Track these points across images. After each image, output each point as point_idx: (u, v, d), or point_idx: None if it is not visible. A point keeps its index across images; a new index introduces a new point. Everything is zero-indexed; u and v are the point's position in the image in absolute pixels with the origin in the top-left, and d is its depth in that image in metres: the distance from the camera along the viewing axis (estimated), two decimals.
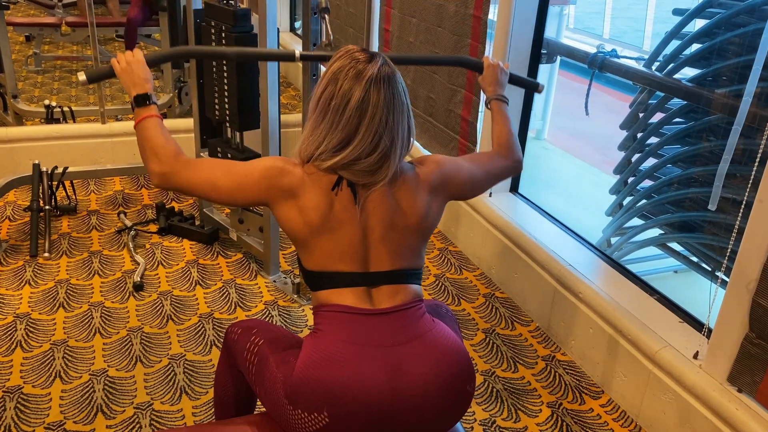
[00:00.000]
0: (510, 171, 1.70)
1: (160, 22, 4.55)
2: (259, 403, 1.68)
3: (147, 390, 2.15)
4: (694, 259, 2.61)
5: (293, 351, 1.38)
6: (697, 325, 2.13)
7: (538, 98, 4.65)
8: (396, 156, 1.37)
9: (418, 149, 3.55)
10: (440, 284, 2.89)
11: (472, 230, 3.06)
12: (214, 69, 2.72)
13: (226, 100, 2.71)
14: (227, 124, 2.80)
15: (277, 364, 1.37)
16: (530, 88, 2.02)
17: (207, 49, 2.21)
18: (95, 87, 3.71)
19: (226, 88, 2.68)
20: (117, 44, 6.52)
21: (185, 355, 2.33)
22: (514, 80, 1.94)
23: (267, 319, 2.56)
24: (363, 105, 1.31)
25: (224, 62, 2.66)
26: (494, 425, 2.11)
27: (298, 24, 6.25)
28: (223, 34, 2.62)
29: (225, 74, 2.67)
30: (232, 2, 2.61)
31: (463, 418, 2.12)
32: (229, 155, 2.81)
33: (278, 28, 2.54)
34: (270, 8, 2.43)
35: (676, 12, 2.53)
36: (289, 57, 1.82)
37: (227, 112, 2.72)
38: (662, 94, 2.59)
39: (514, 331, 2.60)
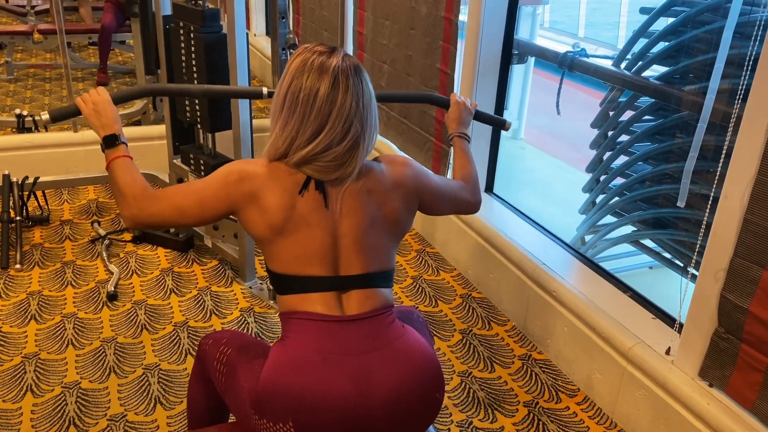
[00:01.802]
0: (469, 208, 1.67)
1: (132, 28, 4.51)
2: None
3: (121, 401, 2.13)
4: (667, 255, 2.63)
5: (261, 360, 1.36)
6: (669, 320, 2.15)
7: (514, 97, 4.68)
8: (365, 145, 1.36)
9: (394, 151, 3.55)
10: (417, 286, 2.89)
11: (449, 231, 3.07)
12: (184, 70, 2.69)
13: (196, 101, 2.68)
14: (198, 126, 2.77)
15: (244, 373, 1.36)
16: (497, 125, 2.00)
17: (174, 87, 2.18)
18: (68, 94, 3.67)
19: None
20: (91, 51, 6.47)
21: (160, 364, 2.30)
22: (480, 118, 1.92)
23: (243, 326, 2.54)
24: (333, 93, 1.31)
25: (194, 63, 2.62)
26: (471, 426, 2.11)
27: None
28: (192, 35, 2.59)
29: (195, 75, 2.64)
30: (201, 2, 2.58)
31: (440, 420, 2.12)
32: (202, 161, 2.79)
33: (248, 32, 2.53)
34: (238, 12, 2.42)
35: (643, 11, 2.55)
36: (257, 95, 1.78)
37: (198, 113, 2.70)
38: (632, 92, 2.61)
39: (491, 331, 2.60)
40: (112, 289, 2.68)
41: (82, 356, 2.32)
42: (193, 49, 2.61)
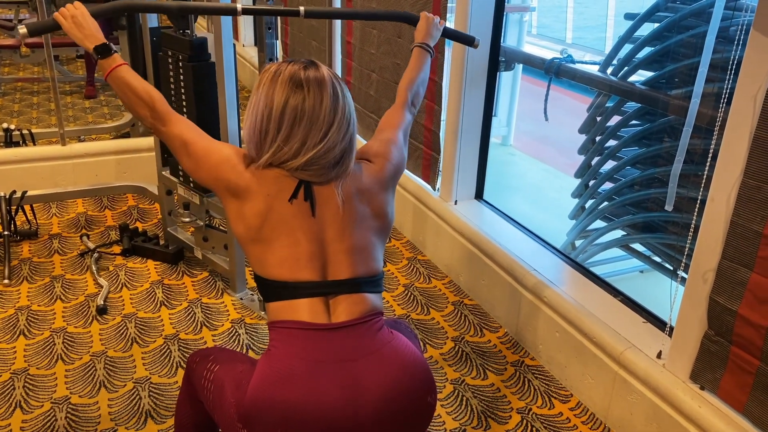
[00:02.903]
0: (411, 124, 1.73)
1: (120, 41, 4.50)
2: None
3: (111, 416, 2.11)
4: (657, 258, 2.64)
5: (248, 373, 1.35)
6: (660, 324, 2.15)
7: (503, 104, 4.70)
8: (344, 144, 1.36)
9: None
10: (409, 294, 2.88)
11: (440, 238, 3.07)
12: (173, 96, 2.69)
13: None
14: None
15: (231, 389, 1.35)
16: (465, 42, 2.05)
17: (149, 4, 2.19)
18: (56, 108, 3.65)
19: (185, 115, 2.66)
20: (78, 64, 6.45)
21: (150, 378, 2.29)
22: (448, 34, 1.99)
23: (234, 337, 2.53)
24: (297, 91, 1.32)
25: (183, 92, 2.62)
26: None
27: None
28: (181, 64, 2.60)
29: (184, 103, 2.64)
30: (188, 31, 2.58)
31: (433, 428, 2.11)
32: None
33: (236, 43, 2.53)
34: (225, 23, 2.42)
35: (628, 16, 2.58)
36: (231, 11, 1.80)
37: None
38: (618, 98, 2.63)
39: (483, 338, 2.60)
40: (102, 302, 2.66)
41: (71, 371, 2.30)
42: (182, 78, 2.62)
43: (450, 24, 2.86)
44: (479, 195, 3.09)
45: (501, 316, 2.68)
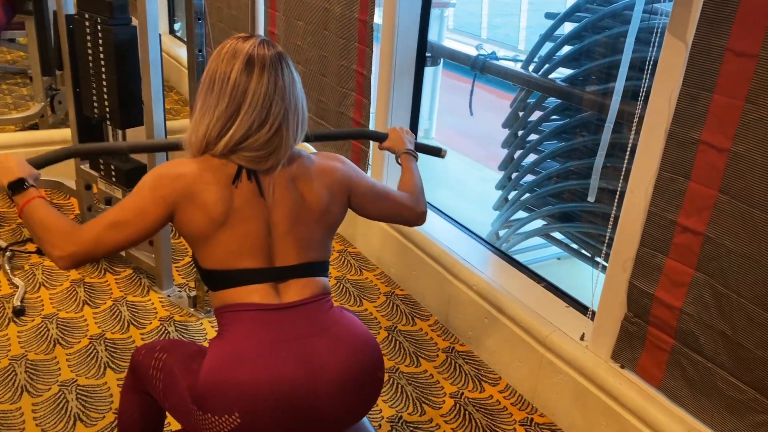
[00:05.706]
0: (412, 215, 1.64)
1: (26, 27, 4.24)
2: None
3: (36, 421, 2.02)
4: (575, 246, 2.79)
5: (199, 358, 1.35)
6: (582, 308, 2.29)
7: (425, 98, 4.78)
8: (291, 130, 1.35)
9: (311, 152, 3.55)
10: (341, 286, 2.91)
11: (370, 231, 3.11)
12: (91, 61, 2.56)
13: (105, 95, 2.56)
14: (108, 123, 2.65)
15: (182, 374, 1.35)
16: (433, 153, 2.09)
17: (98, 146, 2.01)
18: None
19: (104, 82, 2.53)
20: None
21: (77, 380, 2.20)
22: (416, 147, 1.96)
23: (163, 335, 2.47)
24: (246, 75, 1.30)
25: (101, 53, 2.51)
26: (401, 421, 2.16)
27: (178, 26, 6.04)
28: (99, 27, 2.47)
29: (103, 67, 2.52)
30: None
31: (370, 416, 2.16)
32: (113, 166, 2.68)
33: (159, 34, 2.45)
34: (151, 13, 2.34)
35: (548, 16, 2.70)
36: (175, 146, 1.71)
37: (107, 108, 2.58)
38: (540, 94, 2.75)
39: (415, 326, 2.67)
40: (19, 303, 2.53)
41: None
42: (100, 42, 2.48)
43: (378, 19, 2.90)
44: None
45: (431, 305, 2.75)
